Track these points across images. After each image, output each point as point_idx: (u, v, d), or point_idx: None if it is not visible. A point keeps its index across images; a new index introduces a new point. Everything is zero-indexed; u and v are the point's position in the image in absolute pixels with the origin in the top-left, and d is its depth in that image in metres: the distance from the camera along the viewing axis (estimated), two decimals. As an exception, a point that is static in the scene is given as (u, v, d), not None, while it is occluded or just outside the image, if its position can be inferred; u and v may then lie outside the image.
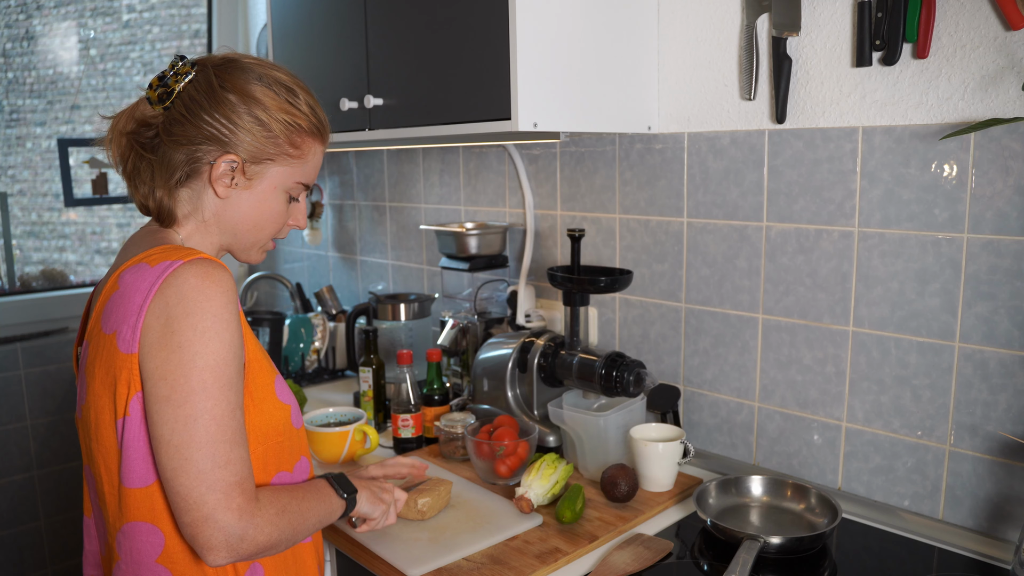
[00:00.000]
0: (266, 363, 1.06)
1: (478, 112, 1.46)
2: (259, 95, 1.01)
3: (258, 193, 1.05)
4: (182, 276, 0.92)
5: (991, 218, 1.24)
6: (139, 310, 0.92)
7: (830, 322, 1.45)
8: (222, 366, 0.91)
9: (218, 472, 0.90)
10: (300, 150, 1.06)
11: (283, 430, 1.06)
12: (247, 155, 1.01)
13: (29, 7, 2.68)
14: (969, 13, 1.23)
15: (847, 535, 1.35)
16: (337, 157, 2.68)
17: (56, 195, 2.77)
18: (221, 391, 0.91)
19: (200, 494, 0.89)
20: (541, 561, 1.26)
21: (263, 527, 0.93)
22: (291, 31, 1.97)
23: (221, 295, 0.92)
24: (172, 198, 1.03)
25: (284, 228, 1.11)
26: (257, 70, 1.03)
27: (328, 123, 1.10)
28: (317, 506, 1.04)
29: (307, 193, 1.12)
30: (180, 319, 0.90)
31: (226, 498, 0.90)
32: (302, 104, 1.05)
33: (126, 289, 0.94)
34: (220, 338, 0.91)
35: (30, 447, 2.60)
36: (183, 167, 1.01)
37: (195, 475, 0.89)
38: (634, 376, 1.55)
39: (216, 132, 0.99)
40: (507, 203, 2.07)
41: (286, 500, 0.99)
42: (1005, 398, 1.26)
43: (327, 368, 2.40)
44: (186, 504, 0.90)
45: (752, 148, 1.52)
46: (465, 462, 1.66)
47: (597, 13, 1.50)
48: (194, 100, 1.00)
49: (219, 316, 0.92)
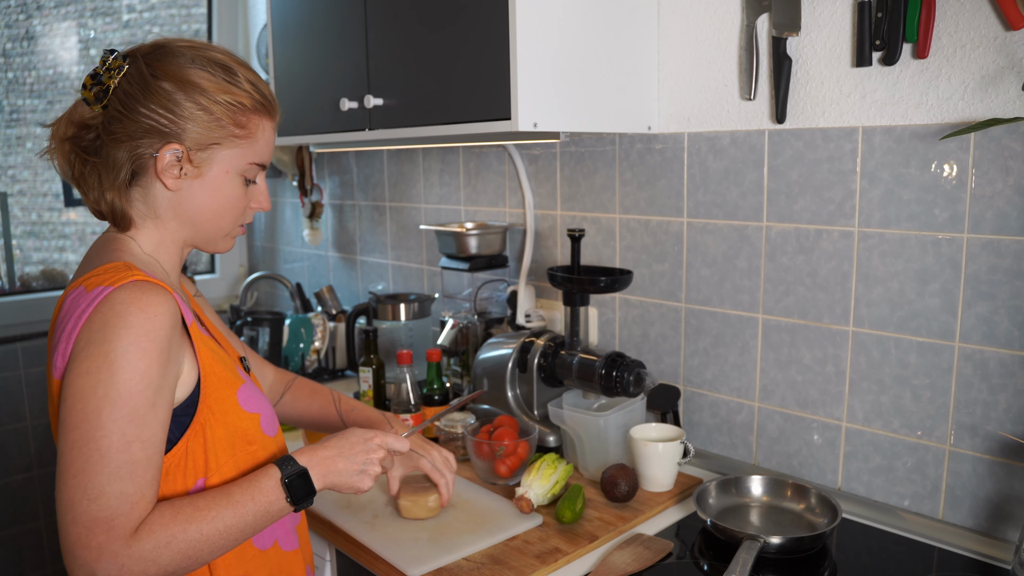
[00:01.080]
0: (227, 374, 1.02)
1: (478, 112, 1.46)
2: (195, 79, 0.97)
3: (211, 180, 1.01)
4: (108, 302, 0.89)
5: (991, 218, 1.24)
6: (68, 337, 0.90)
7: (830, 322, 1.45)
8: (124, 397, 0.87)
9: (84, 504, 0.86)
10: (247, 130, 1.01)
11: (253, 439, 1.04)
12: (191, 143, 0.97)
13: (29, 7, 2.68)
14: (969, 13, 1.23)
15: (847, 535, 1.35)
16: (337, 157, 2.68)
17: (56, 195, 2.78)
18: (115, 423, 0.87)
19: (65, 524, 0.86)
20: (541, 561, 1.26)
21: (131, 567, 0.86)
22: (291, 31, 1.97)
23: (144, 321, 0.89)
24: (124, 199, 1.00)
25: (247, 212, 1.08)
26: (189, 53, 0.98)
27: (274, 97, 1.05)
28: (232, 514, 0.94)
29: (264, 172, 1.08)
30: (95, 344, 0.88)
31: (86, 533, 0.85)
32: (242, 82, 1.00)
33: (64, 314, 0.93)
34: (131, 367, 0.87)
35: (30, 447, 2.60)
36: (127, 165, 0.97)
37: (64, 503, 0.86)
38: (634, 376, 1.55)
39: (155, 124, 0.95)
40: (507, 203, 2.07)
41: (176, 529, 0.90)
42: (1005, 398, 1.26)
43: (327, 368, 2.40)
44: (60, 530, 0.87)
45: (752, 148, 1.52)
46: (465, 462, 1.66)
47: (597, 13, 1.50)
48: (128, 94, 0.95)
49: (135, 343, 0.88)
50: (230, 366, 1.05)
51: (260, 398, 1.08)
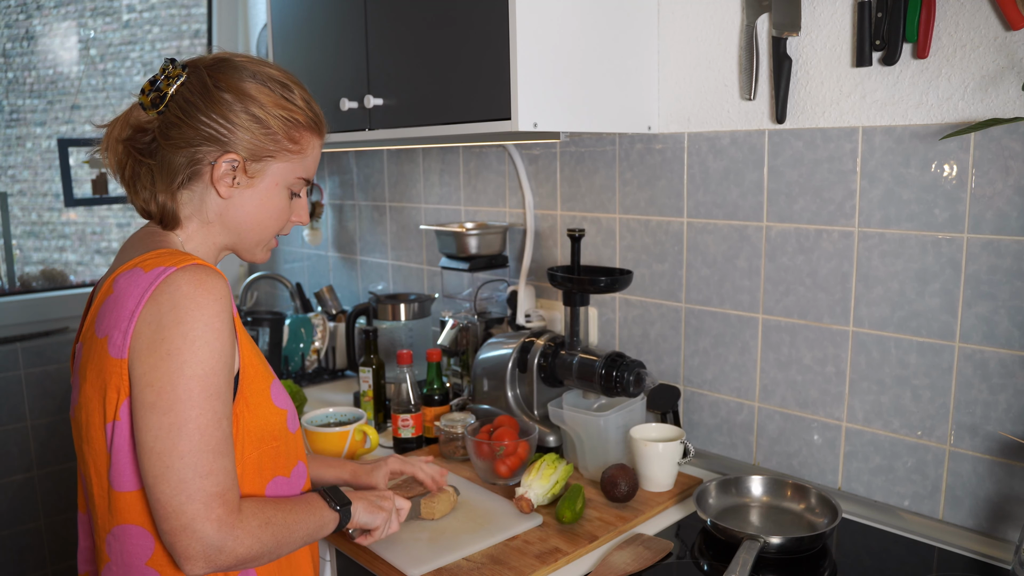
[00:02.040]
0: (262, 368, 1.06)
1: (478, 112, 1.46)
2: (254, 92, 1.01)
3: (261, 191, 1.05)
4: (175, 283, 0.92)
5: (991, 218, 1.24)
6: (131, 316, 0.91)
7: (830, 322, 1.45)
8: (210, 375, 0.91)
9: (199, 482, 0.89)
10: (299, 145, 1.06)
11: (278, 434, 1.06)
12: (247, 153, 1.01)
13: (29, 7, 2.68)
14: (969, 13, 1.23)
15: (847, 535, 1.35)
16: (337, 157, 2.68)
17: (56, 195, 2.78)
18: (207, 400, 0.90)
19: (180, 503, 0.89)
20: (541, 561, 1.26)
21: (243, 539, 0.92)
22: (291, 31, 1.97)
23: (213, 303, 0.92)
24: (174, 201, 1.03)
25: (287, 225, 1.12)
26: (250, 68, 1.03)
27: (323, 117, 1.10)
28: (306, 519, 1.03)
29: (308, 188, 1.12)
30: (170, 326, 0.90)
31: (205, 508, 0.89)
32: (297, 99, 1.05)
33: (120, 294, 0.94)
34: (210, 347, 0.91)
35: (30, 447, 2.60)
36: (184, 169, 1.01)
37: (176, 484, 0.89)
38: (634, 376, 1.55)
39: (215, 132, 0.99)
40: (507, 203, 2.07)
41: (271, 512, 0.98)
42: (1005, 398, 1.26)
43: (327, 368, 2.40)
44: (166, 512, 0.89)
45: (752, 148, 1.52)
46: (465, 462, 1.66)
47: (597, 13, 1.50)
48: (189, 102, 0.99)
49: (210, 324, 0.91)
50: (264, 361, 1.08)
51: (286, 396, 1.11)
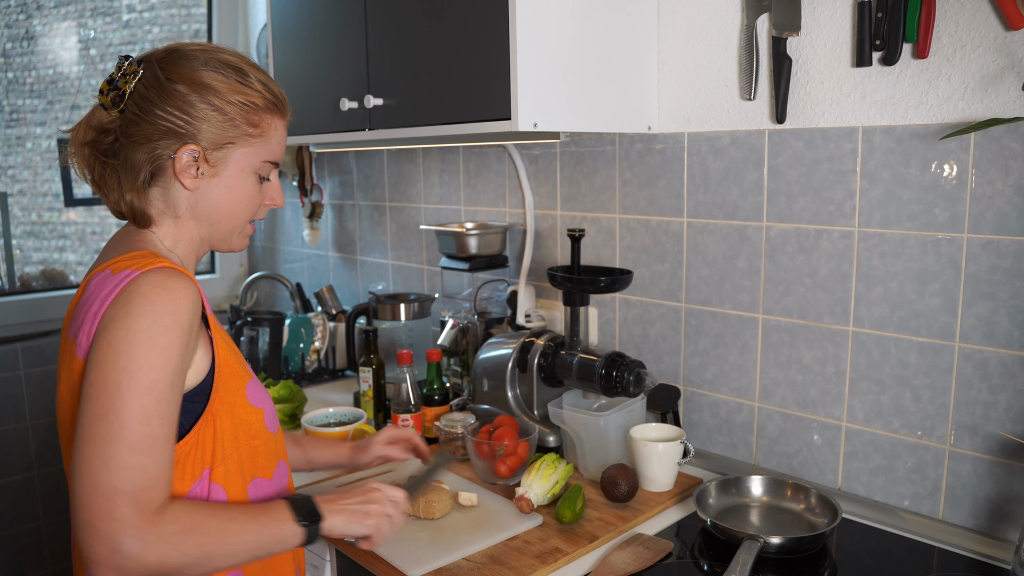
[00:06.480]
0: (238, 367, 1.05)
1: (478, 112, 1.46)
2: (208, 80, 1.00)
3: (227, 179, 1.04)
4: (135, 284, 0.92)
5: (991, 218, 1.24)
6: (94, 317, 0.92)
7: (830, 322, 1.45)
8: (144, 369, 0.88)
9: (106, 474, 0.85)
10: (259, 128, 1.04)
11: (256, 433, 1.06)
12: (207, 143, 1.00)
13: (29, 7, 2.68)
14: (969, 13, 1.23)
15: (847, 535, 1.35)
16: (337, 157, 2.68)
17: (56, 195, 2.78)
18: (135, 395, 0.87)
19: (85, 495, 0.85)
20: (541, 561, 1.26)
21: (154, 546, 0.85)
22: (291, 31, 1.97)
23: (168, 303, 0.91)
24: (143, 199, 1.03)
25: (260, 209, 1.11)
26: (202, 56, 1.02)
27: (284, 96, 1.09)
28: (254, 529, 0.95)
29: (277, 170, 1.11)
30: (117, 320, 0.90)
31: (109, 505, 0.84)
32: (253, 82, 1.04)
33: (89, 295, 0.95)
34: (152, 343, 0.89)
35: (30, 447, 2.60)
36: (146, 166, 1.00)
37: (85, 474, 0.85)
38: (634, 376, 1.55)
39: (171, 125, 0.99)
40: (507, 203, 2.07)
41: (201, 519, 0.91)
42: (1005, 398, 1.26)
43: (327, 368, 2.40)
44: (74, 506, 0.86)
45: (752, 148, 1.52)
46: (465, 462, 1.66)
47: (597, 13, 1.50)
48: (144, 97, 0.99)
49: (158, 321, 0.90)
50: (241, 360, 1.08)
51: (265, 395, 1.10)
